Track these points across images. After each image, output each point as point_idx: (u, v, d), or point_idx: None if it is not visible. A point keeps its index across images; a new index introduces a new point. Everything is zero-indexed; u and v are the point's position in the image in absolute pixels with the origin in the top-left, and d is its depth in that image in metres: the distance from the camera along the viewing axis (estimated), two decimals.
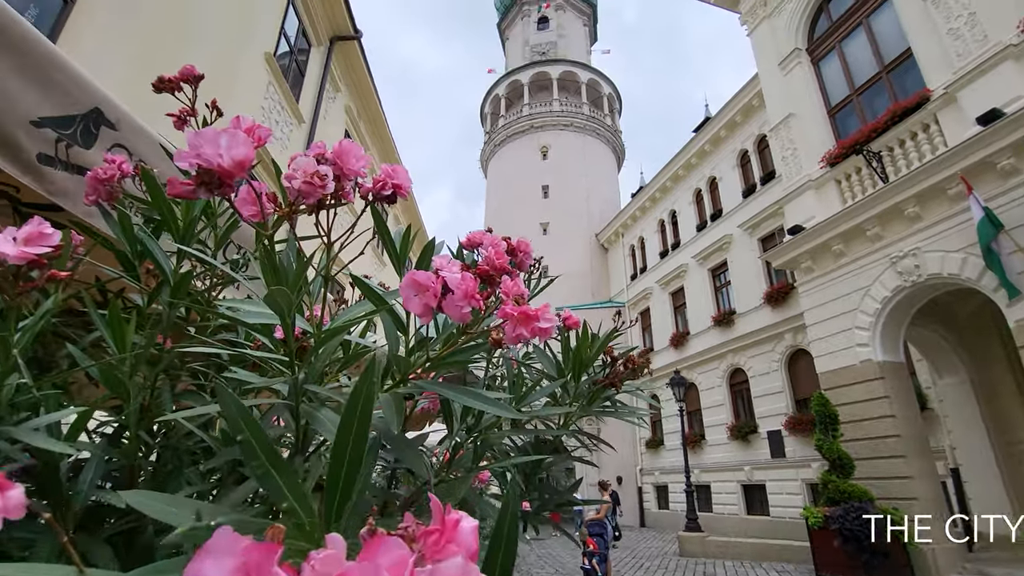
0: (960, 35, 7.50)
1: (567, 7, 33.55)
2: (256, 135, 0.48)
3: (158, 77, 0.91)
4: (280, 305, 0.47)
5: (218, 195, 0.46)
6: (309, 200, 0.49)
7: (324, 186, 0.49)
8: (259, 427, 0.33)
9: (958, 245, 7.34)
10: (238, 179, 0.45)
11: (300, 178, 0.48)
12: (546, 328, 0.48)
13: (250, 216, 0.49)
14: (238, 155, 0.43)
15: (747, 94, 16.57)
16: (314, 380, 0.58)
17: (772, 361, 14.94)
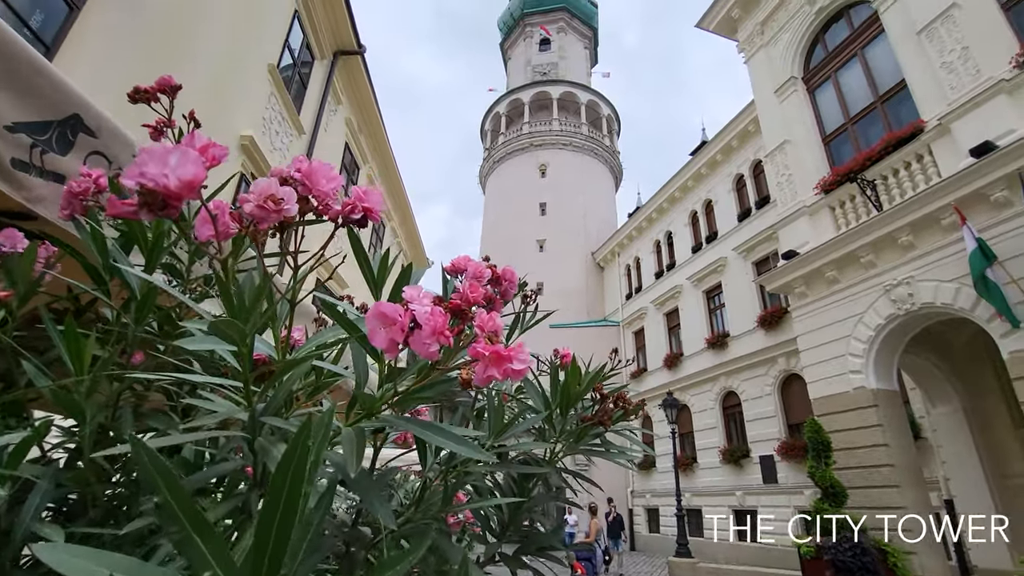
0: (954, 68, 7.64)
1: (569, 30, 34.16)
2: (210, 154, 0.44)
3: (134, 87, 0.88)
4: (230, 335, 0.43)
5: (163, 216, 0.42)
6: (263, 225, 0.45)
7: (279, 211, 0.45)
8: (179, 487, 0.28)
9: (952, 275, 7.37)
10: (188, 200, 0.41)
11: (253, 201, 0.44)
12: (519, 369, 0.44)
13: (209, 237, 0.46)
14: (186, 175, 0.40)
15: (744, 120, 16.81)
16: (273, 411, 0.54)
17: (765, 385, 14.89)
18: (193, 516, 0.28)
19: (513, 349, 0.45)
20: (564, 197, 27.15)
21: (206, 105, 6.44)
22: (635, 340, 22.28)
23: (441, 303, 0.46)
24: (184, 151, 0.41)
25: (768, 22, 11.70)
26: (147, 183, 0.39)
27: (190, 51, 6.13)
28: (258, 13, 7.79)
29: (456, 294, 0.50)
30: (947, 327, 9.21)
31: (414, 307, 0.43)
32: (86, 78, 4.79)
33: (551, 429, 0.87)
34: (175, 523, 0.28)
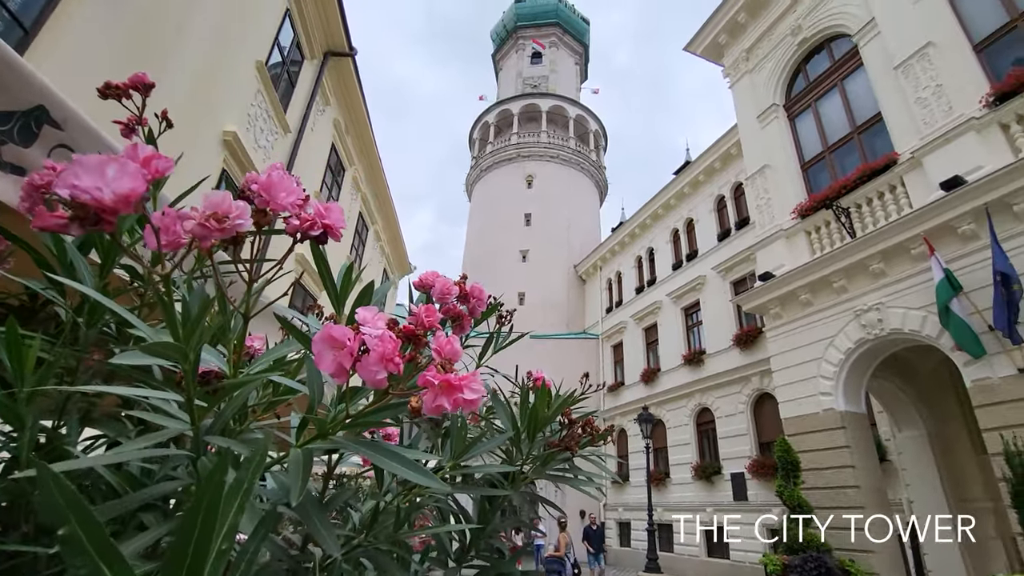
0: (927, 104, 7.94)
1: (560, 45, 34.62)
2: (153, 167, 0.42)
3: (104, 83, 0.85)
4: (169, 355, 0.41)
5: (95, 231, 0.40)
6: (206, 244, 0.44)
7: (223, 229, 0.44)
8: (89, 515, 0.26)
9: (920, 303, 7.60)
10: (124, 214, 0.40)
11: (196, 219, 0.43)
12: (471, 399, 0.43)
13: (153, 248, 0.44)
14: (122, 189, 0.38)
15: (726, 142, 17.19)
16: (221, 428, 0.52)
17: (739, 403, 15.10)
18: (105, 551, 0.26)
19: (466, 377, 0.44)
20: (549, 209, 27.33)
21: (190, 99, 6.33)
22: (614, 354, 22.42)
23: (395, 327, 0.45)
24: (123, 163, 0.39)
25: (753, 50, 12.03)
26: (80, 196, 0.37)
27: (177, 43, 6.02)
28: (249, 9, 7.71)
29: (411, 317, 0.49)
30: (914, 353, 9.48)
31: (366, 331, 0.42)
32: (67, 65, 4.67)
33: (518, 452, 0.85)
34: (82, 558, 0.26)
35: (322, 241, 0.53)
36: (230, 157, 7.42)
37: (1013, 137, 6.92)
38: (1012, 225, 6.70)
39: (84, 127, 1.07)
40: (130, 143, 0.43)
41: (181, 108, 6.18)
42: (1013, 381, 6.42)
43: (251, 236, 0.49)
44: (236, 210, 0.45)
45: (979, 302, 6.71)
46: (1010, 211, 6.68)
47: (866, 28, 9.28)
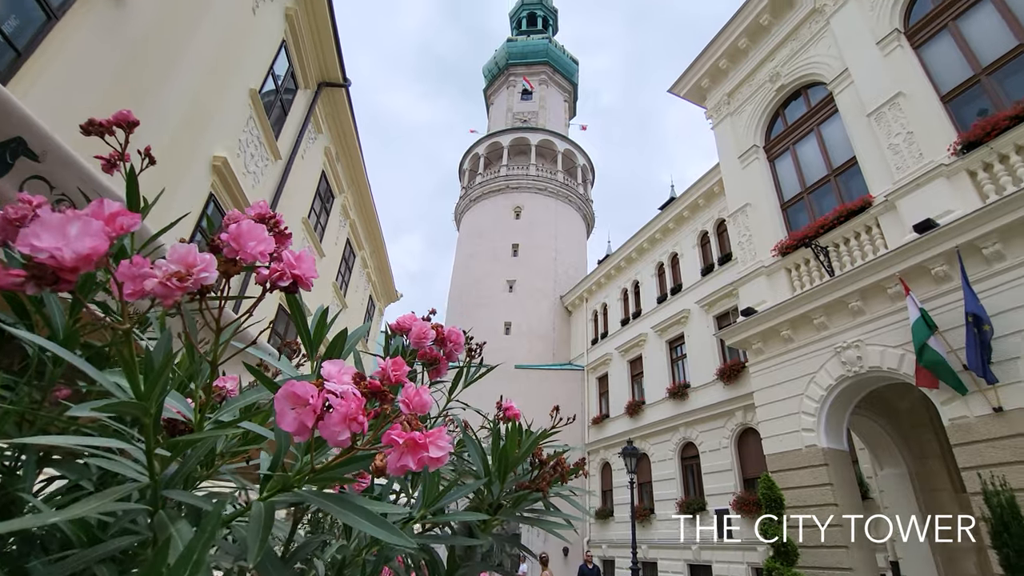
0: (899, 151, 8.28)
1: (550, 83, 35.69)
2: (118, 224, 0.43)
3: (88, 120, 0.85)
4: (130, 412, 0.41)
5: (55, 291, 0.40)
6: (167, 302, 0.44)
7: (183, 288, 0.44)
8: None
9: (897, 341, 7.74)
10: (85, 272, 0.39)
11: (157, 278, 0.43)
12: (437, 457, 0.43)
13: (121, 298, 0.43)
14: (82, 249, 0.38)
15: (709, 180, 17.68)
16: (183, 478, 0.51)
17: (723, 438, 15.05)
18: None
19: (432, 434, 0.44)
20: (537, 240, 27.61)
21: (182, 124, 6.35)
22: (599, 385, 22.33)
23: (361, 381, 0.45)
24: (86, 221, 0.39)
25: (734, 93, 12.52)
26: (39, 256, 0.37)
27: (172, 68, 6.08)
28: (246, 39, 7.84)
29: (378, 371, 0.49)
30: (893, 391, 9.61)
31: (331, 386, 0.42)
32: (60, 86, 4.68)
33: (489, 493, 0.84)
34: None
35: (292, 291, 0.53)
36: (218, 182, 7.41)
37: (980, 184, 7.23)
38: (982, 267, 6.92)
39: (64, 159, 1.07)
40: (95, 200, 0.43)
41: (172, 133, 6.20)
42: (989, 420, 6.51)
43: (219, 286, 0.49)
44: (201, 263, 0.45)
45: (954, 342, 6.86)
46: (980, 254, 6.92)
47: (840, 77, 9.74)
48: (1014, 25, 7.49)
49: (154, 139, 5.87)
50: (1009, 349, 6.44)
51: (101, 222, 0.40)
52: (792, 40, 11.20)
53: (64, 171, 1.06)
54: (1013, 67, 7.47)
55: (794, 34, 11.17)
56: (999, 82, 7.57)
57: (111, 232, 0.41)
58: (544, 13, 41.33)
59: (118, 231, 0.42)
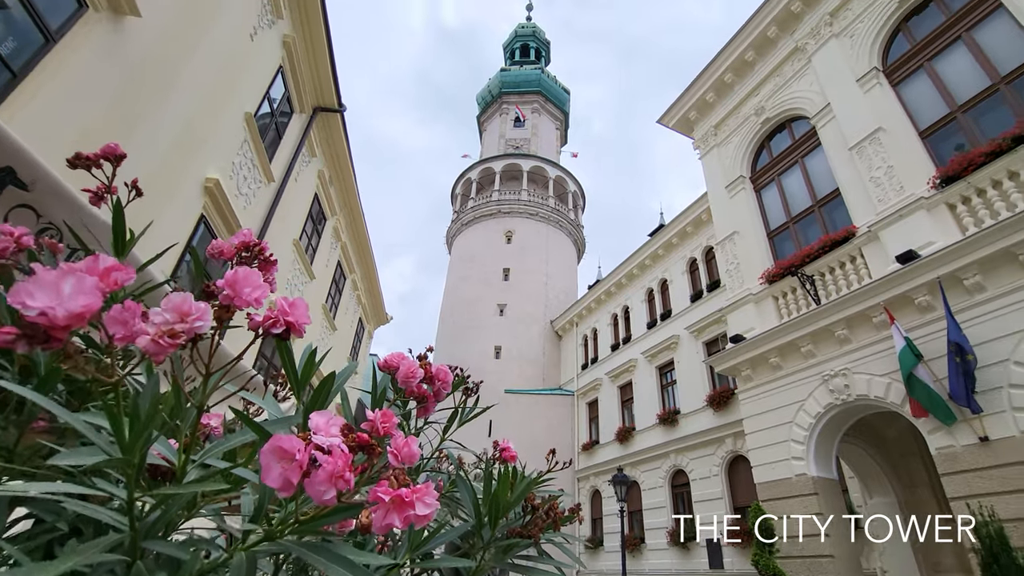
0: (880, 183, 8.52)
1: (542, 112, 36.45)
2: (112, 279, 0.43)
3: (75, 153, 0.86)
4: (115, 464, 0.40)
5: (45, 349, 0.40)
6: (159, 359, 0.44)
7: (176, 344, 0.44)
8: None
9: (884, 370, 7.81)
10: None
11: (150, 335, 0.43)
12: (424, 515, 0.43)
13: (110, 344, 0.43)
14: (75, 307, 0.38)
15: (698, 208, 17.99)
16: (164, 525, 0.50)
17: (713, 465, 14.94)
18: None
19: (419, 490, 0.43)
20: (528, 264, 27.75)
21: (174, 145, 6.37)
22: (588, 411, 22.18)
23: (350, 433, 0.45)
24: (80, 278, 0.39)
25: (721, 125, 12.87)
26: (31, 316, 0.37)
27: (169, 91, 6.13)
28: (243, 63, 7.95)
29: (366, 423, 0.49)
30: (881, 419, 9.64)
31: (318, 439, 0.42)
32: (52, 110, 4.69)
33: (479, 539, 0.83)
34: None
35: (284, 338, 0.53)
36: (210, 203, 7.41)
37: (959, 216, 7.43)
38: (964, 298, 7.06)
39: (54, 188, 1.07)
40: (90, 258, 0.43)
41: (165, 153, 6.22)
42: (976, 450, 6.54)
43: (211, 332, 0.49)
44: (196, 312, 0.45)
45: (940, 371, 6.93)
46: (962, 285, 7.06)
47: (822, 112, 10.06)
48: (986, 66, 7.83)
49: (147, 160, 5.88)
50: (992, 379, 6.52)
51: (95, 278, 0.40)
52: (776, 76, 11.59)
53: (53, 201, 1.06)
54: (987, 105, 7.78)
55: (777, 70, 11.57)
56: (974, 119, 7.87)
57: (105, 288, 0.41)
58: (537, 45, 42.47)
59: (112, 287, 0.42)
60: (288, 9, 9.21)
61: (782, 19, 11.44)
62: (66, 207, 1.03)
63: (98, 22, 5.08)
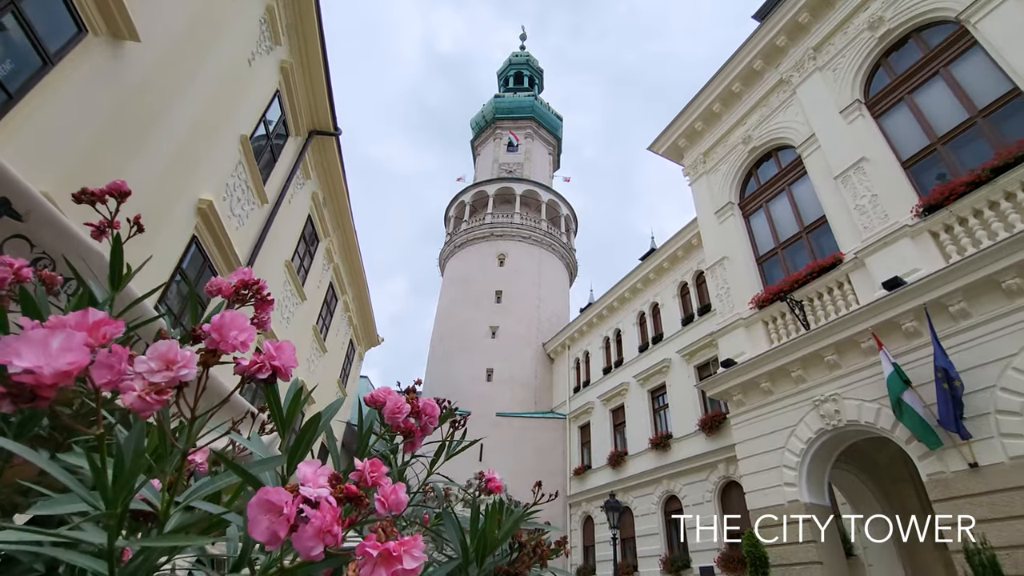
0: (865, 211, 8.70)
1: (535, 137, 37.06)
2: (101, 333, 0.43)
3: (81, 189, 0.87)
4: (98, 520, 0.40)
5: (30, 408, 0.40)
6: (144, 415, 0.44)
7: (163, 400, 0.44)
8: None
9: (873, 395, 7.84)
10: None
11: (135, 391, 0.43)
12: (411, 569, 0.43)
13: (96, 390, 0.43)
14: (62, 365, 0.38)
15: (688, 233, 18.21)
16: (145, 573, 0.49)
17: (706, 491, 14.78)
18: None
19: (407, 542, 0.43)
20: (520, 287, 27.80)
21: (169, 166, 6.39)
22: (580, 435, 21.97)
23: (338, 484, 0.45)
24: (68, 335, 0.39)
25: (710, 153, 13.15)
26: (17, 375, 0.37)
27: (164, 115, 6.17)
28: (240, 88, 8.05)
29: (354, 473, 0.49)
30: (872, 445, 9.63)
31: (305, 491, 0.42)
32: (46, 132, 4.70)
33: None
34: None
35: (270, 382, 0.54)
36: (202, 224, 7.40)
37: (943, 244, 7.59)
38: (950, 324, 7.15)
39: (48, 219, 1.08)
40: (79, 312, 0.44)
41: (160, 174, 6.23)
42: (966, 476, 6.55)
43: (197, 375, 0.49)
44: (182, 360, 0.45)
45: (928, 396, 6.98)
46: (947, 311, 7.17)
47: (808, 142, 10.33)
48: (964, 100, 8.11)
49: (140, 181, 5.88)
50: (980, 404, 6.57)
51: (84, 333, 0.41)
52: (762, 106, 11.91)
53: (46, 231, 1.07)
54: (966, 137, 8.02)
55: (764, 101, 11.90)
56: (954, 151, 8.11)
57: (94, 343, 0.42)
58: (530, 73, 43.42)
59: (101, 341, 0.43)
60: (286, 35, 9.38)
61: (767, 53, 11.82)
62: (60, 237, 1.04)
63: (97, 46, 5.15)
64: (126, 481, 0.43)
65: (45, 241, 1.08)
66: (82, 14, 4.95)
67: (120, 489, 0.43)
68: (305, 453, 0.57)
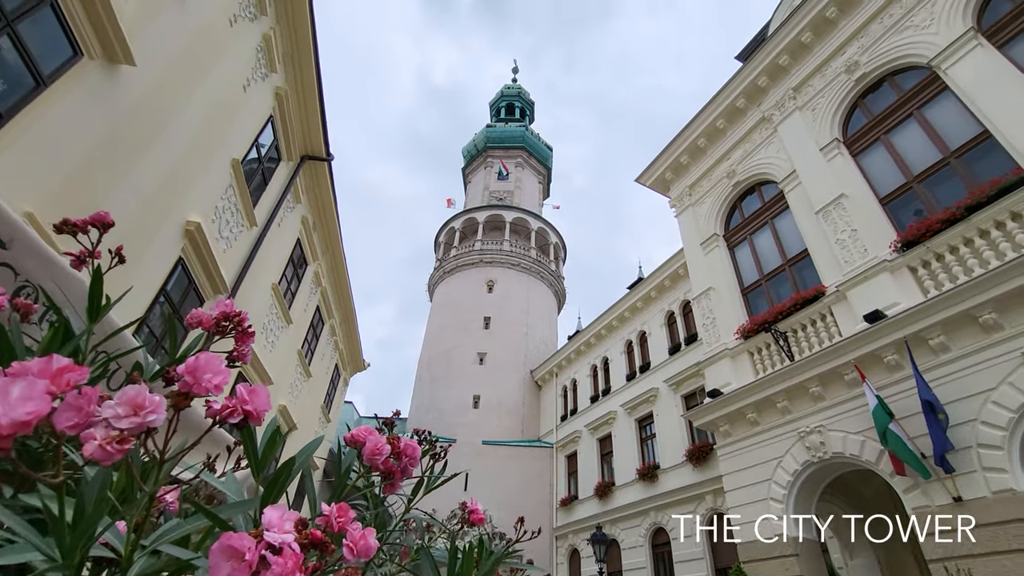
0: (846, 246, 8.91)
1: (525, 166, 37.69)
2: (65, 380, 0.43)
3: (62, 219, 0.88)
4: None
5: None
6: (106, 463, 0.44)
7: (125, 450, 0.44)
8: None
9: (857, 427, 7.87)
10: None
11: (97, 440, 0.43)
12: None
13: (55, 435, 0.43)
14: (20, 415, 0.38)
15: (675, 263, 18.45)
16: None
17: (693, 524, 14.56)
18: None
19: None
20: (508, 314, 27.77)
21: (159, 187, 6.38)
22: (567, 464, 21.65)
23: (304, 529, 0.45)
24: (30, 383, 0.39)
25: (695, 186, 13.45)
26: None
27: (156, 138, 6.19)
28: (234, 113, 8.12)
29: (321, 518, 0.49)
30: (858, 477, 9.61)
31: (270, 537, 0.42)
32: (34, 152, 4.69)
33: None
34: None
35: (241, 427, 0.54)
36: (189, 246, 7.35)
37: (921, 279, 7.77)
38: (930, 357, 7.26)
39: (30, 247, 1.07)
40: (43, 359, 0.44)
41: (149, 195, 6.21)
42: (951, 510, 6.54)
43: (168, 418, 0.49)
44: (150, 406, 0.45)
45: (911, 429, 7.02)
46: (927, 344, 7.29)
47: (789, 177, 10.63)
48: (938, 142, 8.44)
49: (128, 203, 5.86)
50: (962, 438, 6.62)
51: (47, 380, 0.41)
52: (745, 143, 12.28)
53: (30, 258, 1.06)
54: (941, 176, 8.31)
55: (747, 138, 12.28)
56: (929, 188, 8.39)
57: (56, 391, 0.42)
58: (522, 104, 44.45)
59: (64, 388, 0.43)
60: (282, 63, 9.54)
61: (750, 92, 12.26)
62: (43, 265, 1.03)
63: (92, 69, 5.19)
64: (86, 528, 0.43)
65: (28, 269, 1.07)
66: (78, 38, 5.00)
67: (80, 536, 0.42)
68: (279, 497, 0.57)
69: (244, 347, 0.96)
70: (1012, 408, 6.32)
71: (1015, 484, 6.06)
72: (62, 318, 0.85)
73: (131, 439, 0.43)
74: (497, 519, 17.84)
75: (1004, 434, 6.29)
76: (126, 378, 0.93)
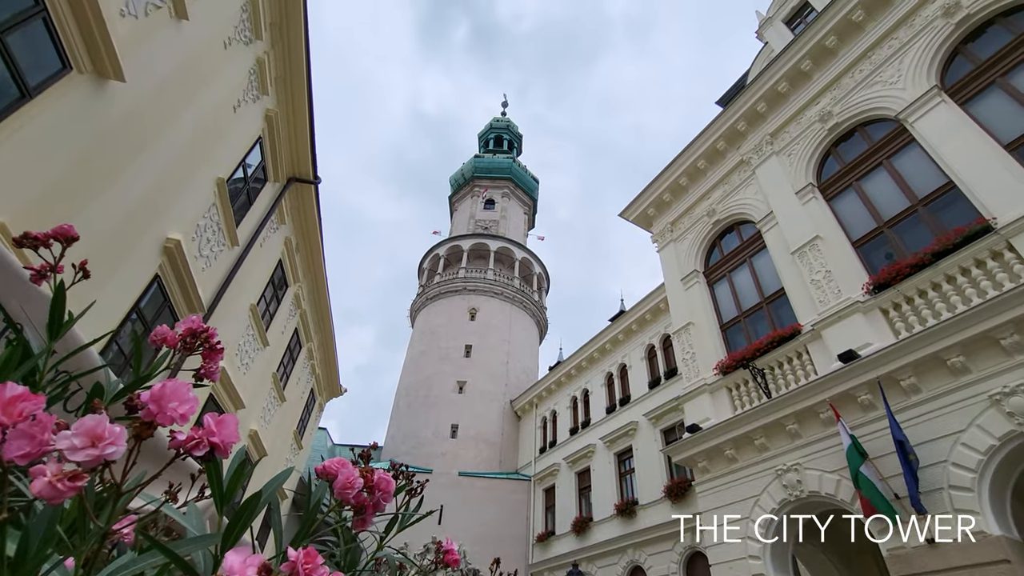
0: (820, 286, 9.14)
1: (512, 197, 38.21)
2: (18, 410, 0.41)
3: (23, 232, 0.86)
4: None
5: None
6: (55, 502, 0.42)
7: (77, 487, 0.42)
8: None
9: (833, 466, 7.91)
10: None
11: (47, 475, 0.41)
12: None
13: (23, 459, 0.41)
14: None
15: (656, 297, 18.68)
16: None
17: (671, 562, 14.31)
18: None
19: None
20: (490, 343, 27.61)
21: (139, 203, 6.29)
22: (545, 498, 21.22)
23: (268, 573, 0.43)
24: None
25: (677, 223, 13.76)
26: None
27: (140, 154, 6.13)
28: (223, 133, 8.12)
29: (286, 564, 0.47)
30: (836, 516, 9.58)
31: None
32: (14, 163, 4.60)
33: None
34: None
35: (208, 459, 0.52)
36: (167, 264, 7.20)
37: (892, 321, 7.98)
38: (902, 398, 7.39)
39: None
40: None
41: (129, 211, 6.11)
42: (924, 552, 6.55)
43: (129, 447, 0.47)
44: (110, 437, 0.43)
45: (884, 469, 7.08)
46: (899, 385, 7.43)
47: (767, 218, 10.95)
48: (906, 190, 8.81)
49: (107, 216, 5.75)
50: (934, 479, 6.69)
51: None
52: (725, 183, 12.68)
53: None
54: (910, 223, 8.65)
55: (726, 179, 12.68)
56: (899, 234, 8.71)
57: (7, 422, 0.40)
58: (510, 137, 45.42)
59: (16, 419, 0.41)
60: (274, 87, 9.63)
61: (729, 135, 12.73)
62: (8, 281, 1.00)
63: (80, 83, 5.17)
64: (30, 570, 0.40)
65: None
66: (68, 52, 4.99)
67: (35, 562, 0.40)
68: (241, 533, 0.55)
69: (212, 364, 0.93)
70: (981, 450, 6.43)
71: (986, 527, 6.12)
72: (20, 336, 0.82)
73: (85, 475, 0.42)
74: (472, 554, 17.27)
75: (974, 476, 6.37)
76: (87, 398, 0.90)
